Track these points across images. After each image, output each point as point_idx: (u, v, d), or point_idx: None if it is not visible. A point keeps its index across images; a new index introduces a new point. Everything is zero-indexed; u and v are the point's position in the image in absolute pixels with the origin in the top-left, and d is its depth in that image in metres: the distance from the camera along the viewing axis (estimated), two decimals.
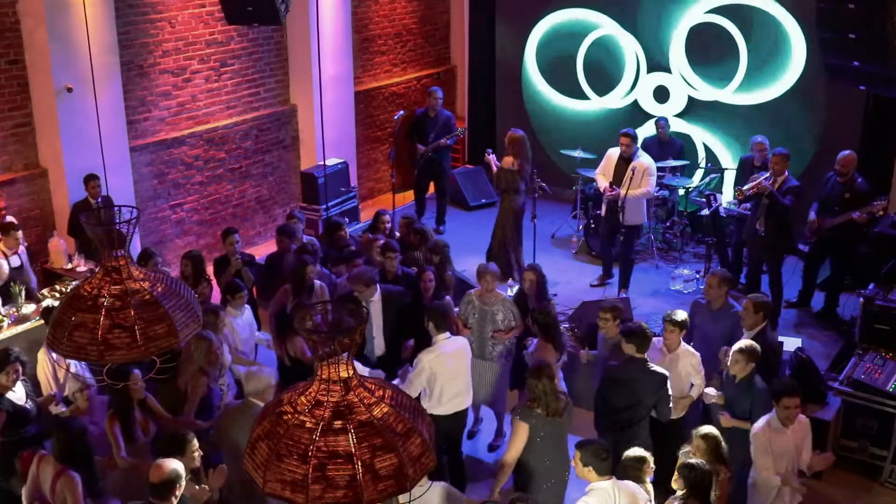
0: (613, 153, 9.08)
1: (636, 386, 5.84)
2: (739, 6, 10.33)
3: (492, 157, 9.52)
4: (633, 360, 5.90)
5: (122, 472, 5.45)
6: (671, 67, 10.99)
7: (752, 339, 6.29)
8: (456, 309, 7.10)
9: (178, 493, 4.62)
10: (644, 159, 8.89)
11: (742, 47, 10.37)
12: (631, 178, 8.75)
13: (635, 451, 5.20)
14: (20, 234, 7.84)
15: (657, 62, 11.12)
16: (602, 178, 9.15)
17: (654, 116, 10.77)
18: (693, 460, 4.96)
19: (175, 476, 4.59)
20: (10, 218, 8.16)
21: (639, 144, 9.14)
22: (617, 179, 8.90)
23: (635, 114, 11.33)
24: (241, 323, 6.97)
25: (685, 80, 10.91)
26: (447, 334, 6.17)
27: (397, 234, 8.60)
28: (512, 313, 6.91)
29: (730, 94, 10.64)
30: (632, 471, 5.08)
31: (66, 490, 4.98)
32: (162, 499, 4.59)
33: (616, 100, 11.42)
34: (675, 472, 4.93)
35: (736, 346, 5.84)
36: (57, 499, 5.01)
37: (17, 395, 5.70)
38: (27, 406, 5.74)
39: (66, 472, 5.01)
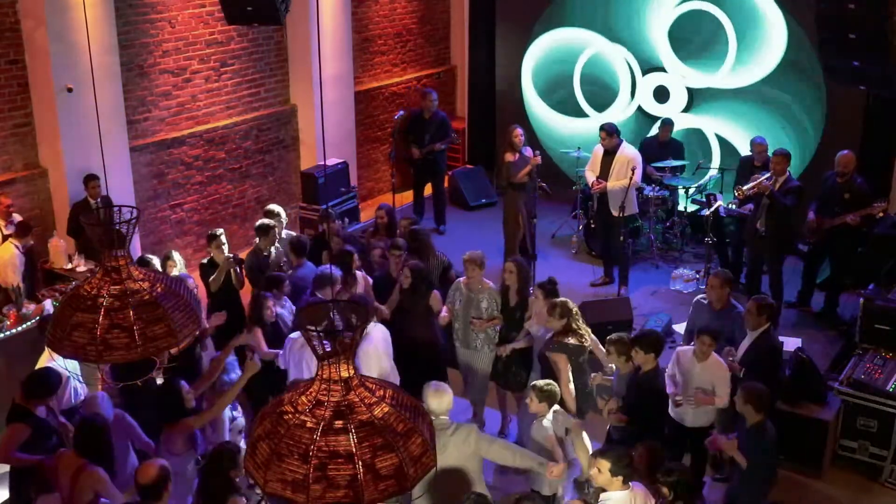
0: (599, 149, 9.22)
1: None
2: None
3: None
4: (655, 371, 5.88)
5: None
6: (665, 66, 10.97)
7: (756, 339, 6.29)
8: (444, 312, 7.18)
9: (170, 489, 4.64)
10: (627, 151, 8.98)
11: (729, 28, 10.32)
12: (629, 176, 8.80)
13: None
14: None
15: (650, 63, 11.11)
16: (590, 173, 9.24)
17: (658, 118, 10.75)
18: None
19: (165, 474, 4.60)
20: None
21: (623, 139, 9.16)
22: (603, 174, 9.01)
23: (642, 120, 11.31)
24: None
25: (681, 75, 10.89)
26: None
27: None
28: (496, 303, 7.00)
29: (724, 78, 10.58)
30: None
31: (95, 484, 4.91)
32: (155, 499, 4.60)
33: (617, 113, 11.36)
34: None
35: (741, 392, 5.54)
36: (78, 494, 4.95)
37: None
38: (49, 420, 5.68)
39: (88, 468, 4.94)
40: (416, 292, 7.00)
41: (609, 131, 8.99)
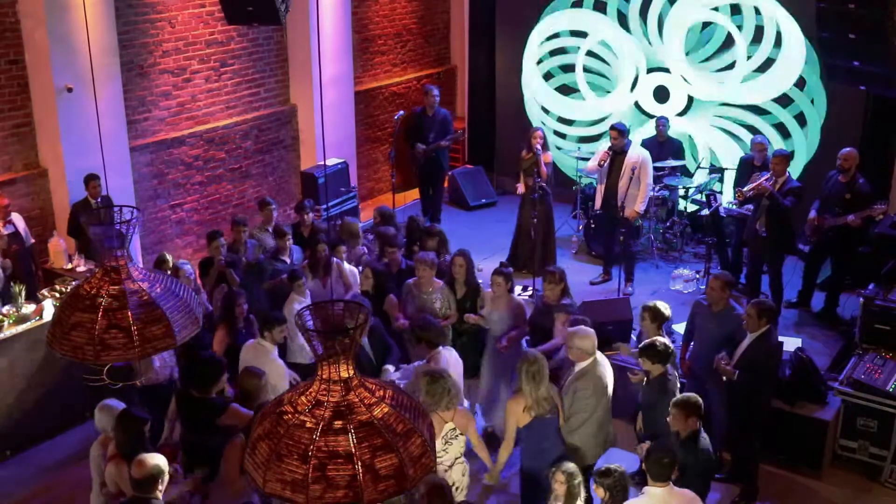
0: (605, 147, 9.21)
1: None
2: (736, 5, 10.31)
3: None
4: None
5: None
6: (670, 67, 10.96)
7: (754, 341, 6.25)
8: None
9: (162, 486, 4.66)
10: (636, 151, 9.00)
11: (741, 44, 10.31)
12: (630, 176, 8.80)
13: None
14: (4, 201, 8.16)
15: (656, 63, 11.10)
16: (592, 161, 9.29)
17: (654, 116, 10.75)
18: (608, 465, 4.94)
19: (158, 471, 4.64)
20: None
21: (631, 139, 9.17)
22: (614, 173, 9.02)
23: (637, 115, 11.30)
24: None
25: (685, 80, 10.85)
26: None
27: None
28: (448, 301, 7.03)
29: (731, 92, 10.57)
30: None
31: (119, 479, 5.02)
32: (147, 492, 4.63)
33: (615, 102, 11.37)
34: (594, 483, 4.91)
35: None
36: (108, 479, 5.09)
37: None
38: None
39: (117, 458, 5.05)
40: (377, 296, 6.94)
41: (621, 130, 8.99)
